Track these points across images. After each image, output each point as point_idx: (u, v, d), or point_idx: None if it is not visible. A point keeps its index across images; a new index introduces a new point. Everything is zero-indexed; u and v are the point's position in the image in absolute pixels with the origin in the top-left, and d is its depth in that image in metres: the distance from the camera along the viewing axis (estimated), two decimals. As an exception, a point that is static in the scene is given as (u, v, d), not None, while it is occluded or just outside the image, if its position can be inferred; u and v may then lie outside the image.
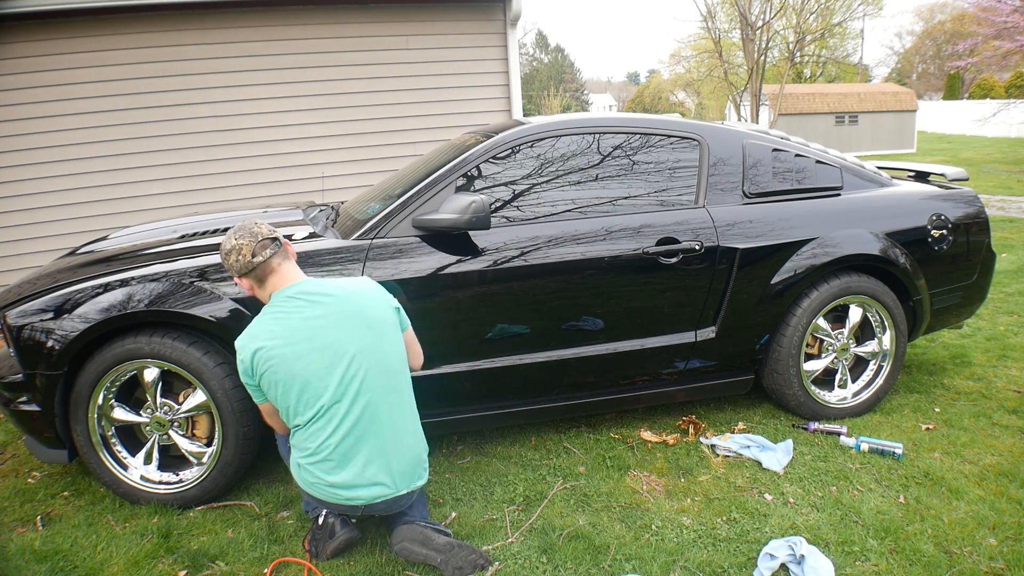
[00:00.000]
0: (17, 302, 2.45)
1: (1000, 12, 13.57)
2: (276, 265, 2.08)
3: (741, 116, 23.12)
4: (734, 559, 2.19)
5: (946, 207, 3.21)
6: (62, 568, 2.25)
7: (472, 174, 2.76)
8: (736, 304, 2.90)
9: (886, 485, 2.59)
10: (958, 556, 2.17)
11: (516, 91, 5.57)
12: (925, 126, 30.24)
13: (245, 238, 2.05)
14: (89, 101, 4.80)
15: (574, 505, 2.53)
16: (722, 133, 3.03)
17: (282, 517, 2.52)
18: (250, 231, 2.07)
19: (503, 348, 2.72)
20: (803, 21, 22.80)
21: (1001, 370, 3.65)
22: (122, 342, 2.42)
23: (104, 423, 2.52)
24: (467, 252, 2.62)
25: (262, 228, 2.09)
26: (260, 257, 2.04)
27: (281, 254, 2.10)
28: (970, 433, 2.97)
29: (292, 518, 2.51)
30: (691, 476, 2.70)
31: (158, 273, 2.46)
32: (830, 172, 3.12)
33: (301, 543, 2.32)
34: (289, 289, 2.07)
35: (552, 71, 59.60)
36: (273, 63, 5.11)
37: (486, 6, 5.41)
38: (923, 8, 53.08)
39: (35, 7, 4.45)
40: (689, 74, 32.39)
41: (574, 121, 2.92)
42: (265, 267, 2.06)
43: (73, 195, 4.87)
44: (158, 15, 4.82)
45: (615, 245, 2.74)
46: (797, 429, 3.05)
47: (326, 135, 5.32)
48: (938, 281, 3.21)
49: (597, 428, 3.14)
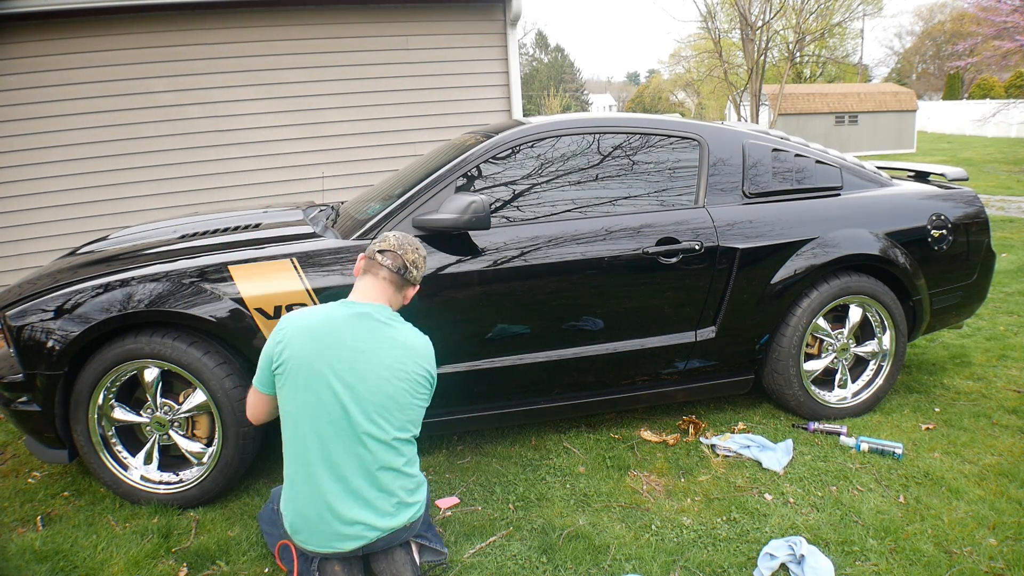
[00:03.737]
0: (17, 302, 2.45)
1: (1000, 12, 13.57)
2: (381, 275, 2.07)
3: (741, 116, 23.13)
4: (734, 559, 2.19)
5: (946, 207, 3.21)
6: (62, 568, 2.25)
7: (472, 174, 2.76)
8: (736, 304, 2.90)
9: (886, 485, 2.59)
10: (958, 556, 2.17)
11: (516, 91, 5.57)
12: (925, 126, 30.25)
13: (396, 241, 2.07)
14: (89, 101, 4.80)
15: (574, 505, 2.53)
16: (722, 133, 3.03)
17: (282, 517, 2.52)
18: (403, 243, 2.08)
19: (503, 348, 2.72)
20: (803, 21, 22.81)
21: (1001, 370, 3.66)
22: (122, 342, 2.42)
23: (104, 423, 2.52)
24: (467, 252, 2.62)
25: (411, 254, 2.09)
26: (381, 258, 2.06)
27: (394, 279, 2.08)
28: (970, 433, 2.97)
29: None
30: (691, 476, 2.70)
31: (158, 273, 2.46)
32: (830, 172, 3.12)
33: None
34: (362, 306, 2.02)
35: (552, 71, 59.60)
36: (273, 63, 5.11)
37: (486, 6, 5.41)
38: (923, 8, 53.13)
39: (36, 7, 4.45)
40: (689, 74, 32.40)
41: (574, 121, 2.92)
42: (374, 265, 2.08)
43: (73, 195, 4.87)
44: (158, 15, 4.82)
45: (615, 245, 2.74)
46: (797, 429, 3.05)
47: (326, 135, 5.32)
48: (938, 281, 3.21)
49: (597, 428, 3.14)
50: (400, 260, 2.04)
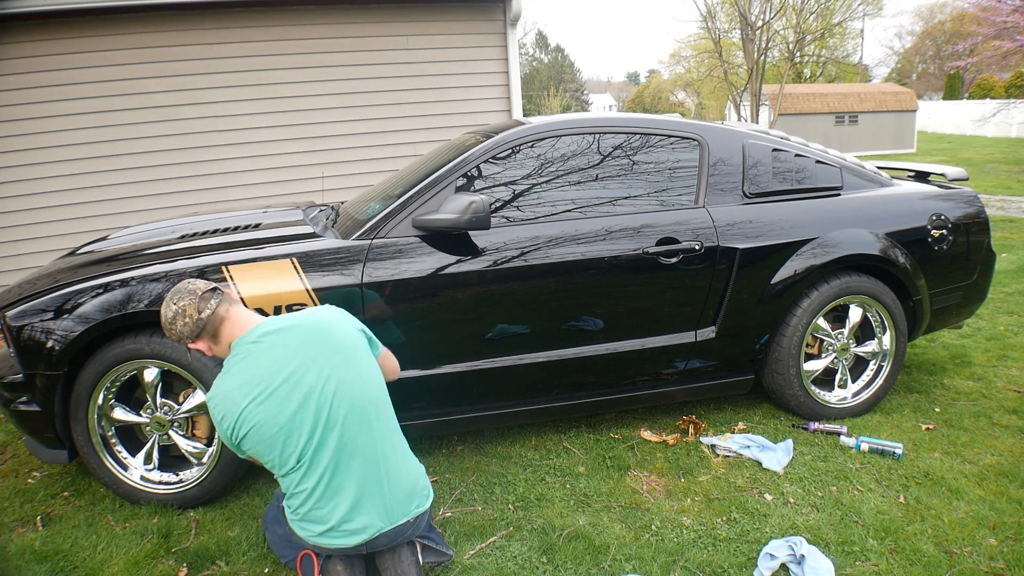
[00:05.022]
0: (17, 302, 2.45)
1: (1000, 12, 13.57)
2: (225, 312, 1.96)
3: (741, 116, 23.12)
4: (734, 559, 2.19)
5: (946, 207, 3.21)
6: (62, 568, 2.25)
7: (472, 174, 2.76)
8: (736, 304, 2.90)
9: (886, 485, 2.59)
10: (958, 556, 2.17)
11: (516, 91, 5.57)
12: (925, 126, 30.24)
13: (185, 298, 1.94)
14: (89, 101, 4.80)
15: (574, 505, 2.53)
16: (722, 133, 3.03)
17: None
18: (187, 290, 1.95)
19: (503, 348, 2.72)
20: (803, 21, 22.80)
21: (1001, 370, 3.65)
22: (122, 342, 2.42)
23: (104, 423, 2.52)
24: (467, 252, 2.62)
25: (198, 283, 1.98)
26: (208, 311, 1.93)
27: (227, 301, 1.98)
28: (970, 433, 2.97)
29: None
30: (691, 476, 2.70)
31: (158, 273, 2.46)
32: (830, 172, 3.12)
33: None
34: (250, 334, 1.94)
35: (552, 71, 59.60)
36: (273, 63, 5.11)
37: (486, 6, 5.41)
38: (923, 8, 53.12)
39: (36, 7, 4.45)
40: (689, 74, 32.39)
41: (574, 121, 2.92)
42: (214, 319, 1.94)
43: (73, 195, 4.87)
44: (158, 15, 4.81)
45: (615, 245, 2.74)
46: (797, 429, 3.05)
47: (326, 135, 5.32)
48: (938, 281, 3.21)
49: (597, 428, 3.14)
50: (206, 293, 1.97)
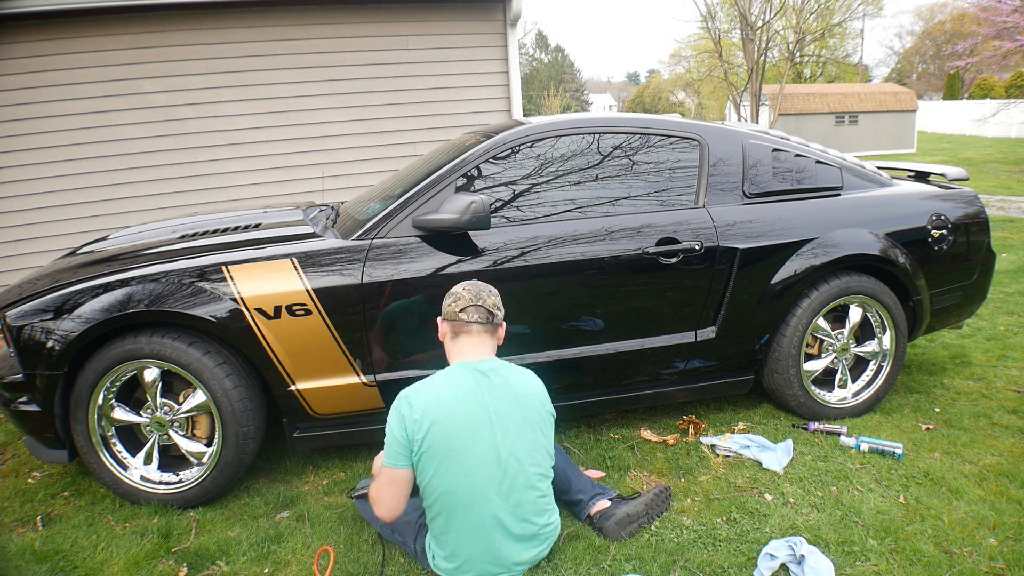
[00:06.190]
0: (17, 302, 2.45)
1: (1000, 12, 13.57)
2: (475, 331, 2.09)
3: (741, 116, 23.13)
4: (734, 559, 2.19)
5: (946, 207, 3.21)
6: (62, 568, 2.25)
7: (472, 174, 2.76)
8: (736, 304, 2.90)
9: (886, 485, 2.59)
10: (958, 556, 2.17)
11: (516, 91, 5.57)
12: (925, 126, 30.25)
13: (469, 293, 2.10)
14: (90, 101, 4.80)
15: (574, 505, 2.53)
16: (722, 133, 3.03)
17: (282, 517, 2.52)
18: (478, 292, 2.11)
19: (503, 348, 2.71)
20: (803, 21, 22.81)
21: (1001, 370, 3.65)
22: (122, 342, 2.42)
23: (104, 423, 2.52)
24: (467, 252, 2.62)
25: (489, 299, 2.12)
26: (466, 316, 2.08)
27: (488, 328, 2.11)
28: (970, 433, 2.97)
29: (292, 518, 2.51)
30: (691, 476, 2.70)
31: (158, 273, 2.46)
32: (830, 172, 3.12)
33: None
34: (481, 364, 2.05)
35: (552, 71, 59.62)
36: (273, 63, 5.12)
37: (486, 6, 5.41)
38: (923, 8, 53.11)
39: (36, 7, 4.45)
40: (689, 74, 32.41)
41: (574, 121, 2.92)
42: (463, 326, 2.09)
43: (73, 195, 4.87)
44: (158, 15, 4.82)
45: (615, 245, 2.74)
46: (797, 429, 3.05)
47: (326, 135, 5.32)
48: (938, 281, 3.21)
49: (597, 428, 3.14)
50: (484, 310, 2.09)
